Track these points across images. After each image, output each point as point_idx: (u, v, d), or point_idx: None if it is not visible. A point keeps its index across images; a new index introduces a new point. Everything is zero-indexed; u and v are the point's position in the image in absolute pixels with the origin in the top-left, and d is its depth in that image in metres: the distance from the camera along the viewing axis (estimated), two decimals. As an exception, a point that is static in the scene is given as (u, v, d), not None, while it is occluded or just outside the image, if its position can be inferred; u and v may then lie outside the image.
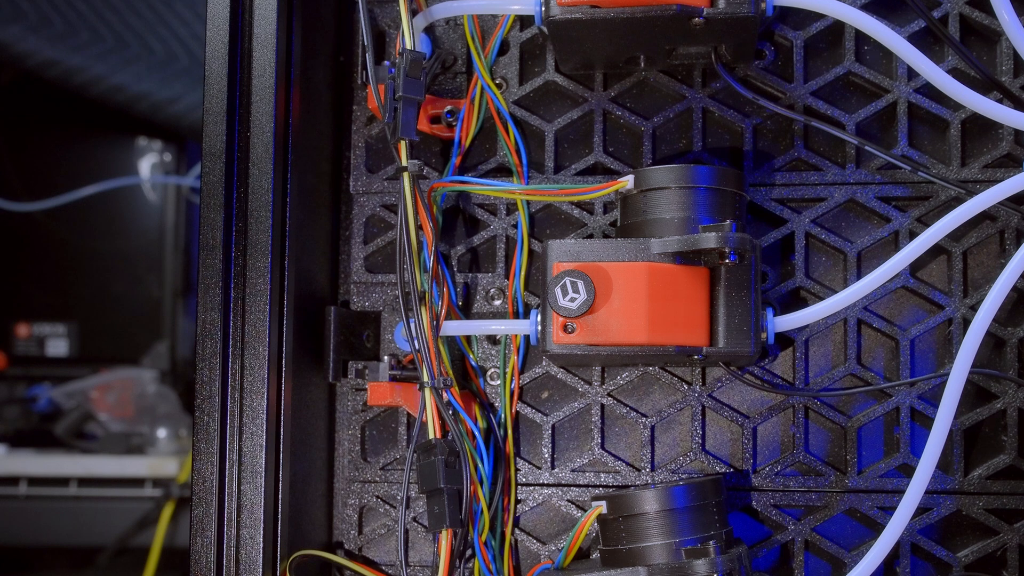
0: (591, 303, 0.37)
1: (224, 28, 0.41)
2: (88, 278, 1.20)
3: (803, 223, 0.45)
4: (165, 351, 1.17)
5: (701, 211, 0.40)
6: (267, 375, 0.41)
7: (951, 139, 0.44)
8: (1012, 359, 0.43)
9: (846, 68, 0.45)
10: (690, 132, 0.46)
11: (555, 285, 0.37)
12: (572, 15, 0.40)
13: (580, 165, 0.47)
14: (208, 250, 0.41)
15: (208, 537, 0.40)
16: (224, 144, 0.41)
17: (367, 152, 0.48)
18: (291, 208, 0.43)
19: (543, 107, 0.48)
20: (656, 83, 0.46)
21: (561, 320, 0.39)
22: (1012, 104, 0.43)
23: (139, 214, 1.22)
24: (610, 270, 0.39)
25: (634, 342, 0.38)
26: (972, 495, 0.43)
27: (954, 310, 0.44)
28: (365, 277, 0.48)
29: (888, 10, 0.45)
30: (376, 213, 0.48)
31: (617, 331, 0.38)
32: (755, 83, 0.46)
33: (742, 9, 0.39)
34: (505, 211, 0.47)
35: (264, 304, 0.41)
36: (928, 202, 0.44)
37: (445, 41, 0.48)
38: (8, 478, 1.04)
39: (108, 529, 1.03)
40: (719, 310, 0.40)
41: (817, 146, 0.46)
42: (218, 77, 0.41)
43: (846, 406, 0.45)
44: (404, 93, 0.40)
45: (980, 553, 0.43)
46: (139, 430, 1.10)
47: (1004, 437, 0.43)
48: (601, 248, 0.40)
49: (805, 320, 0.41)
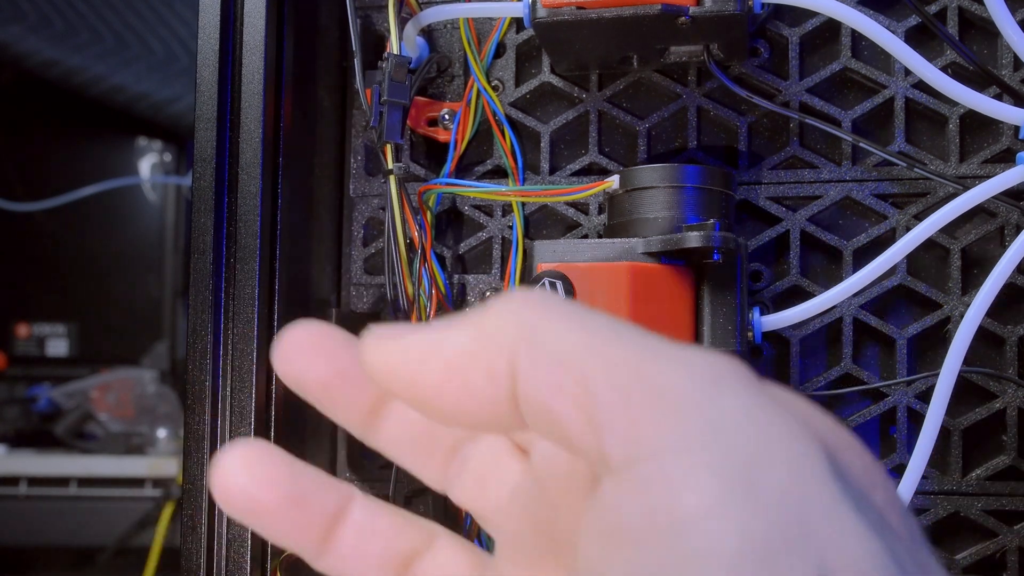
0: None
1: (215, 36, 0.42)
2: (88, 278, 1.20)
3: (798, 221, 0.45)
4: (165, 351, 1.17)
5: (687, 210, 0.40)
6: (255, 376, 0.41)
7: (949, 135, 0.44)
8: (1012, 358, 0.43)
9: (842, 64, 0.45)
10: (685, 131, 0.46)
11: (534, 286, 0.37)
12: (558, 17, 0.40)
13: (575, 166, 0.47)
14: (199, 254, 0.41)
15: (198, 537, 0.40)
16: (214, 150, 0.41)
17: (366, 155, 0.48)
18: (283, 212, 0.43)
19: (539, 109, 0.48)
20: (650, 83, 0.46)
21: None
22: (1011, 99, 0.42)
23: (139, 214, 1.22)
24: (592, 270, 0.39)
25: (617, 343, 0.38)
26: (971, 496, 0.43)
27: (952, 308, 0.44)
28: (364, 279, 0.48)
29: (885, 5, 0.45)
30: (375, 215, 0.48)
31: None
32: (750, 81, 0.45)
33: (728, 7, 0.39)
34: (501, 212, 0.47)
35: (252, 306, 0.41)
36: (926, 199, 0.44)
37: (443, 44, 0.48)
38: (8, 478, 1.04)
39: (108, 529, 1.03)
40: (704, 309, 0.40)
41: (813, 143, 0.45)
42: (208, 84, 0.41)
43: (841, 406, 0.44)
44: (389, 97, 0.40)
45: (979, 555, 0.43)
46: (139, 430, 1.10)
47: (1004, 437, 0.43)
48: (586, 248, 0.40)
49: (794, 318, 0.41)
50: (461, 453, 0.30)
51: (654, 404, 0.20)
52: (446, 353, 0.24)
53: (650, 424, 0.20)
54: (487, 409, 0.23)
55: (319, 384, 0.29)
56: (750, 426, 0.20)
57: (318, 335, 0.28)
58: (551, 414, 0.21)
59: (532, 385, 0.22)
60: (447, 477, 0.30)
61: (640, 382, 0.21)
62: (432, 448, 0.30)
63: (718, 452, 0.19)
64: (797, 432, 0.20)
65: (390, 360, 0.25)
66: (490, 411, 0.23)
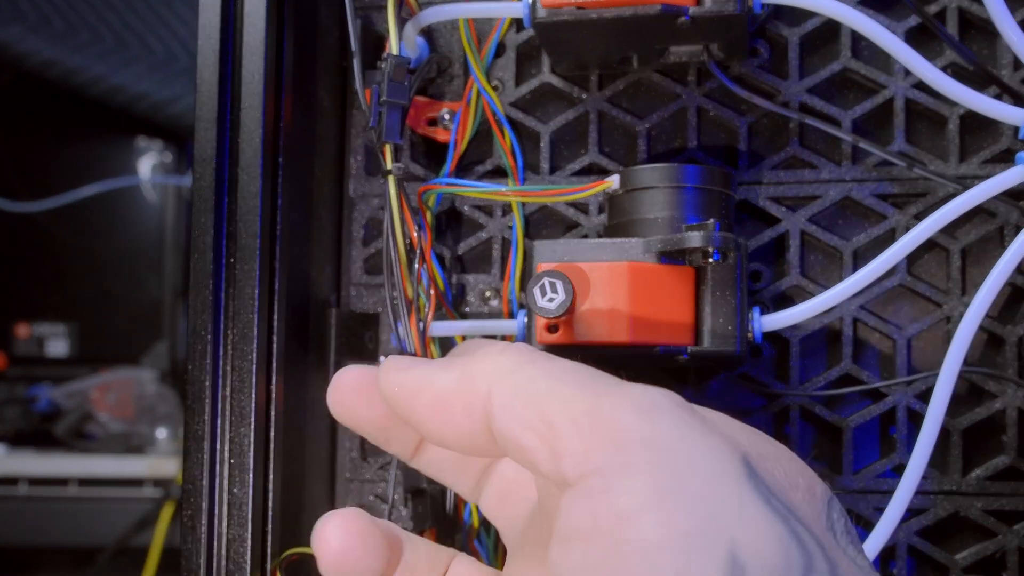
0: (569, 304, 0.37)
1: (215, 36, 0.42)
2: (88, 278, 1.20)
3: (798, 221, 0.45)
4: (165, 351, 1.17)
5: (686, 210, 0.40)
6: (255, 377, 0.41)
7: (949, 135, 0.44)
8: (1012, 358, 0.43)
9: (842, 64, 0.45)
10: (685, 131, 0.46)
11: (534, 286, 0.37)
12: (558, 17, 0.40)
13: (575, 165, 0.47)
14: (199, 254, 0.41)
15: (198, 537, 0.40)
16: (215, 150, 0.41)
17: (366, 155, 0.48)
18: (283, 212, 0.43)
19: (539, 109, 0.48)
20: (650, 83, 0.46)
21: (544, 320, 0.38)
22: (1011, 99, 0.42)
23: (139, 214, 1.23)
24: (593, 270, 0.39)
25: (616, 341, 0.38)
26: (970, 496, 0.43)
27: (952, 308, 0.44)
28: (364, 279, 0.48)
29: (885, 5, 0.45)
30: (375, 215, 0.48)
31: (599, 331, 0.38)
32: (750, 81, 0.45)
33: (728, 7, 0.39)
34: (501, 212, 0.47)
35: (252, 307, 0.41)
36: (926, 199, 0.44)
37: (443, 44, 0.48)
38: (8, 478, 1.04)
39: (108, 529, 1.03)
40: (704, 309, 0.40)
41: (813, 143, 0.45)
42: (208, 84, 0.41)
43: (841, 406, 0.44)
44: (388, 97, 0.40)
45: (979, 555, 0.43)
46: (139, 430, 1.10)
47: (1004, 437, 0.43)
48: (586, 248, 0.40)
49: (794, 319, 0.41)
50: (491, 472, 0.35)
51: (601, 434, 0.25)
52: (435, 389, 0.29)
53: (598, 449, 0.24)
54: (466, 438, 0.29)
55: (375, 427, 0.34)
56: (678, 443, 0.24)
57: (367, 379, 0.33)
58: (520, 446, 0.26)
59: (504, 423, 0.27)
60: (477, 491, 0.35)
61: (591, 417, 0.25)
62: (466, 468, 0.35)
63: (650, 466, 0.24)
64: (718, 446, 0.25)
65: (395, 389, 0.30)
66: (469, 440, 0.29)
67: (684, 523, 0.23)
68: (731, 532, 0.23)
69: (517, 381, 0.27)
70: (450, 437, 0.29)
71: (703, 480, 0.24)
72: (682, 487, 0.23)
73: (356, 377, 0.34)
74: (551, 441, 0.25)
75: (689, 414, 0.26)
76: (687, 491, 0.23)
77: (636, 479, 0.23)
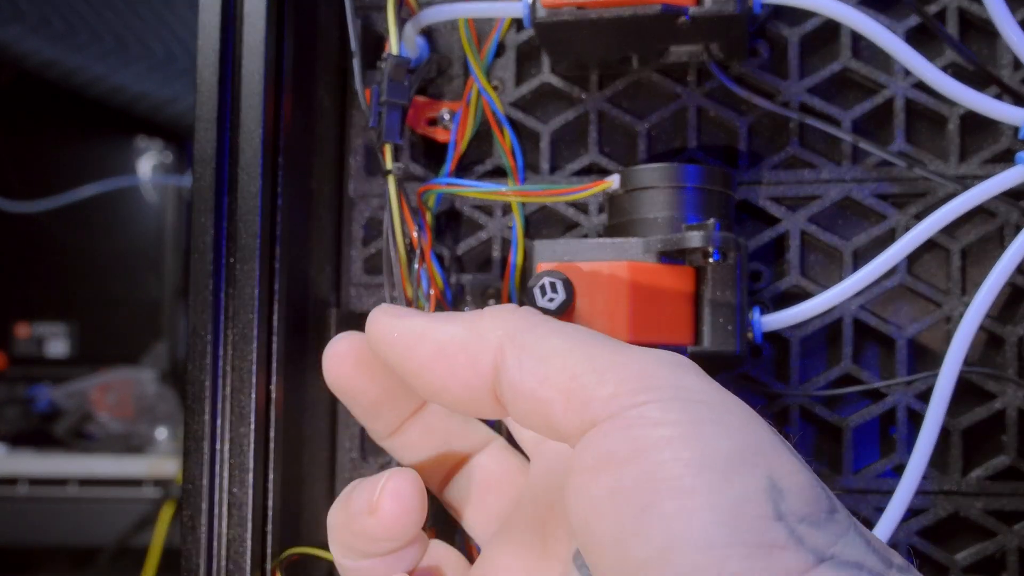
0: (569, 303, 0.37)
1: (215, 36, 0.42)
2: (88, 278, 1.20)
3: (798, 221, 0.45)
4: (165, 351, 1.17)
5: (687, 210, 0.40)
6: (255, 377, 0.41)
7: (949, 135, 0.44)
8: (1012, 358, 0.43)
9: (842, 64, 0.45)
10: (685, 131, 0.46)
11: (534, 285, 0.37)
12: (558, 17, 0.40)
13: (575, 165, 0.47)
14: (199, 254, 0.41)
15: (198, 537, 0.40)
16: (215, 150, 0.41)
17: (366, 155, 0.48)
18: (283, 212, 0.43)
19: (539, 109, 0.48)
20: (650, 83, 0.46)
21: (544, 320, 0.38)
22: (1011, 99, 0.42)
23: (139, 214, 1.23)
24: (593, 269, 0.39)
25: (616, 340, 0.38)
26: (970, 496, 0.43)
27: (952, 308, 0.44)
28: (364, 279, 0.48)
29: (885, 5, 0.45)
30: (375, 215, 0.48)
31: (599, 330, 0.38)
32: (750, 81, 0.45)
33: (728, 7, 0.39)
34: (501, 212, 0.47)
35: (251, 307, 0.41)
36: (925, 199, 0.44)
37: (443, 44, 0.48)
38: (8, 478, 1.04)
39: (108, 529, 1.03)
40: (704, 309, 0.40)
41: (813, 143, 0.45)
42: (208, 84, 0.41)
43: (841, 406, 0.44)
44: (388, 97, 0.40)
45: (979, 555, 0.43)
46: (139, 430, 1.10)
47: (1004, 437, 0.43)
48: (586, 248, 0.40)
49: (795, 319, 0.41)
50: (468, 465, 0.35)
51: (631, 381, 0.25)
52: (440, 337, 0.28)
53: (629, 392, 0.24)
54: (467, 393, 0.28)
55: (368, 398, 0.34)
56: (708, 391, 0.25)
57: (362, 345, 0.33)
58: (536, 398, 0.26)
59: (517, 376, 0.26)
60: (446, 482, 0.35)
61: (616, 369, 0.25)
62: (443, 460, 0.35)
63: (686, 402, 0.24)
64: (740, 401, 0.26)
65: (392, 335, 0.30)
66: (469, 395, 0.28)
67: (725, 447, 0.23)
68: (770, 464, 0.24)
69: (530, 338, 0.27)
70: (451, 389, 0.28)
71: (738, 419, 0.25)
72: (720, 420, 0.24)
73: (351, 344, 0.34)
74: (574, 391, 0.25)
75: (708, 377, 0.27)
76: (725, 423, 0.24)
77: (673, 411, 0.24)
